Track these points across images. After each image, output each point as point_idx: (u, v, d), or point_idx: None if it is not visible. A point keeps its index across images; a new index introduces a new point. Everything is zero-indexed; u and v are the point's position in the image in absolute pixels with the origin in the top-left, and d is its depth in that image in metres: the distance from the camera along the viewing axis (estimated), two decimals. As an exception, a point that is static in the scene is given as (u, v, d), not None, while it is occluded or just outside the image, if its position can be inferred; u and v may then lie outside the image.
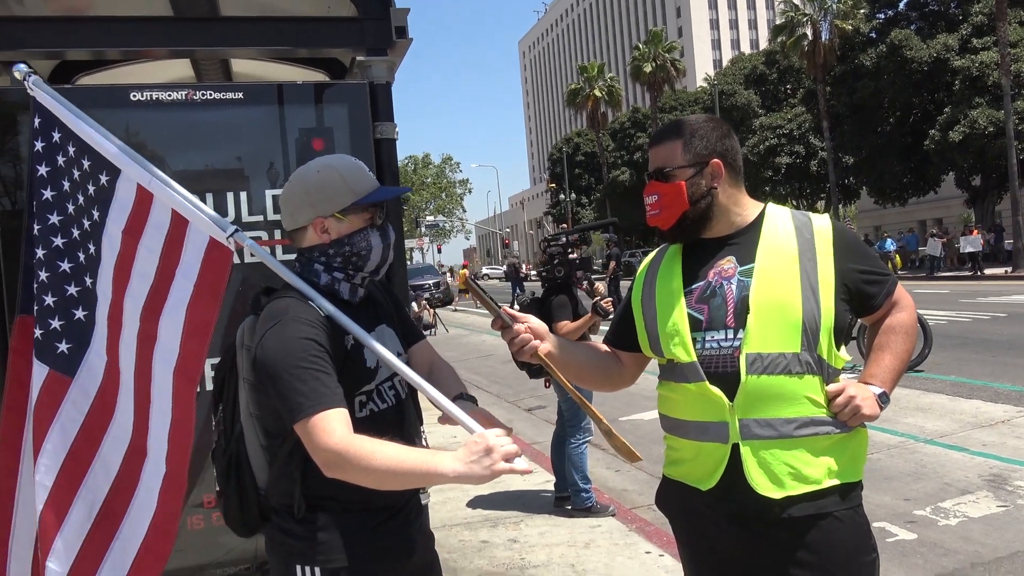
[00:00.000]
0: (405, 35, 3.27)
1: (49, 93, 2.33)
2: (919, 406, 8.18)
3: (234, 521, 2.10)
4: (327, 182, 2.02)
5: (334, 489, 1.90)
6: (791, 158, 42.46)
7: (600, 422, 2.12)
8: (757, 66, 49.43)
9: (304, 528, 1.98)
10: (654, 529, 5.06)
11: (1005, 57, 27.33)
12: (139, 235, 2.19)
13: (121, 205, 2.21)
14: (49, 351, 2.27)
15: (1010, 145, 27.29)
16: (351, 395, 1.97)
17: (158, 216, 2.17)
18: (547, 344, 2.12)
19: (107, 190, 2.24)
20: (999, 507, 5.22)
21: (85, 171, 2.28)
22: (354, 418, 1.93)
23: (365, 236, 2.04)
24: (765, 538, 1.98)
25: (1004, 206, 33.68)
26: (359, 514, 2.00)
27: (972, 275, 27.63)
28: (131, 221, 2.20)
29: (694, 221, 2.09)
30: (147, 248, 2.18)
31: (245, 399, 2.04)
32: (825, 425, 1.98)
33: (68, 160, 2.31)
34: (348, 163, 2.09)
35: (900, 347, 2.10)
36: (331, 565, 1.96)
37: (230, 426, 2.09)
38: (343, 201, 2.01)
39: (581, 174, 65.04)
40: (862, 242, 2.16)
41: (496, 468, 1.79)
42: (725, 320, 2.01)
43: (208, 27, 3.41)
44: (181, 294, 2.12)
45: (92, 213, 2.27)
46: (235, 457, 2.06)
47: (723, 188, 2.08)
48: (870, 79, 34.14)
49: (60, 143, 2.32)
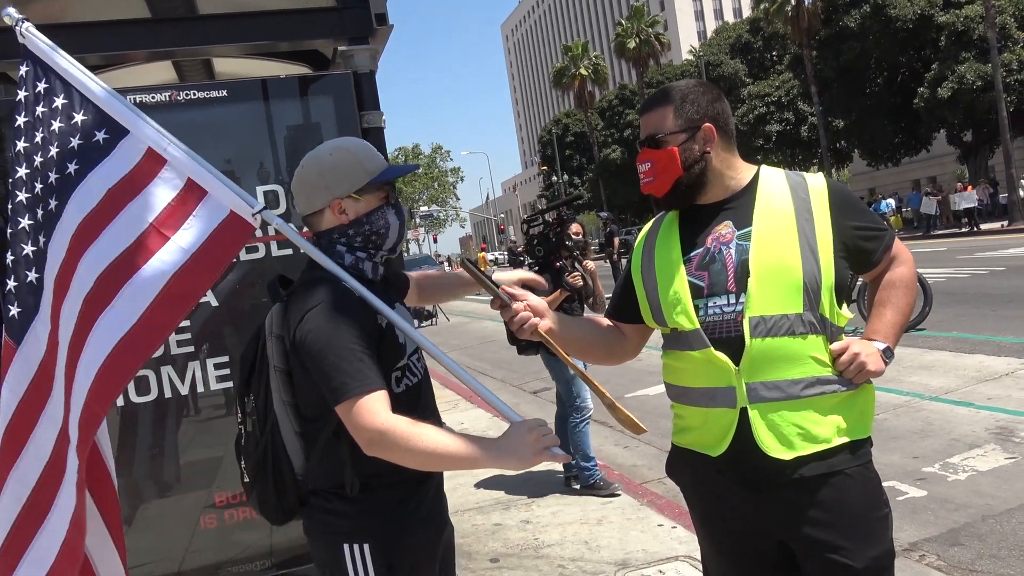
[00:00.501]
0: (385, 22, 3.26)
1: (45, 43, 2.22)
2: (923, 364, 8.20)
3: (270, 509, 2.12)
4: (341, 163, 2.05)
5: (380, 468, 1.92)
6: (781, 125, 42.36)
7: (603, 396, 2.12)
8: (742, 35, 49.17)
9: (350, 507, 2.00)
10: (665, 502, 5.08)
11: (989, 10, 27.19)
12: (134, 194, 2.08)
13: (116, 164, 2.11)
14: (5, 314, 2.16)
15: (999, 98, 27.21)
16: (388, 371, 2.01)
17: (169, 178, 2.09)
18: (547, 321, 2.12)
19: (101, 147, 2.13)
20: (1007, 459, 5.24)
21: (74, 124, 2.15)
22: (394, 394, 1.97)
23: (383, 214, 2.08)
24: (778, 500, 1.99)
25: (997, 160, 33.65)
26: (400, 488, 2.03)
27: (969, 231, 27.64)
28: (125, 181, 2.09)
29: (688, 187, 2.08)
30: (142, 206, 2.07)
31: (277, 387, 2.05)
32: (831, 384, 1.99)
33: (50, 111, 2.17)
34: (359, 143, 2.12)
35: (901, 301, 2.11)
36: (381, 541, 1.99)
37: (263, 416, 2.09)
38: (359, 181, 2.04)
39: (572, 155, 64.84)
40: (858, 199, 2.15)
41: (535, 456, 1.83)
42: (726, 285, 2.01)
43: (187, 26, 3.39)
44: (170, 258, 2.03)
45: (66, 166, 2.13)
46: (270, 446, 2.07)
47: (716, 152, 2.08)
48: (856, 41, 33.99)
49: (44, 93, 2.19)
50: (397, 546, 2.01)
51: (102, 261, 2.06)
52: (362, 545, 1.98)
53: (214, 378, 3.24)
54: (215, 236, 2.05)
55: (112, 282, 2.05)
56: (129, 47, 3.31)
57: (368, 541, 1.98)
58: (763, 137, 42.44)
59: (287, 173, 3.38)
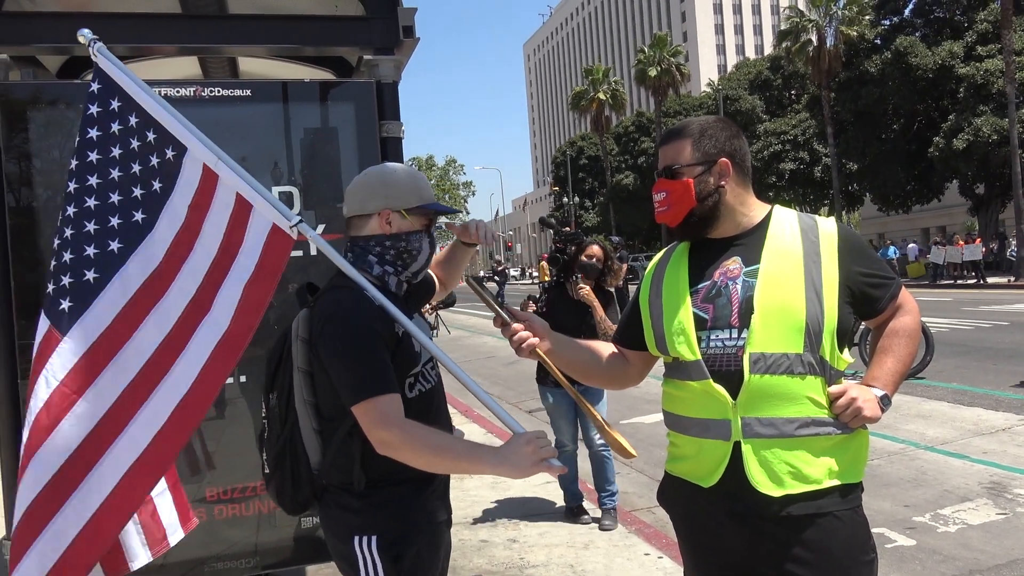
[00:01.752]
0: (412, 34, 3.29)
1: (114, 62, 2.35)
2: (920, 413, 8.18)
3: (286, 500, 2.27)
4: (403, 179, 2.24)
5: (389, 466, 2.05)
6: (795, 164, 42.50)
7: (595, 418, 2.15)
8: (762, 71, 49.48)
9: (361, 503, 2.14)
10: (653, 531, 5.06)
11: (1010, 65, 27.33)
12: (206, 211, 2.24)
13: (187, 181, 2.26)
14: (54, 306, 2.27)
15: (1014, 153, 27.27)
16: (403, 377, 2.15)
17: (223, 196, 2.23)
18: (546, 342, 2.14)
19: (173, 164, 2.28)
20: (998, 515, 5.22)
21: (149, 143, 2.30)
22: (408, 398, 2.12)
23: (420, 238, 2.24)
24: (765, 535, 2.00)
25: (1008, 214, 33.65)
26: (409, 485, 2.15)
27: (976, 283, 27.61)
28: (197, 197, 2.25)
29: (701, 219, 2.11)
30: (213, 224, 2.23)
31: (299, 387, 2.19)
32: (826, 426, 2.00)
33: (126, 129, 2.32)
34: (415, 173, 2.32)
35: (903, 350, 2.12)
36: (388, 535, 2.12)
37: (284, 413, 2.23)
38: (412, 200, 2.22)
39: (585, 177, 65.08)
40: (867, 245, 2.18)
41: (532, 466, 1.93)
42: (730, 320, 2.03)
43: (216, 24, 3.43)
44: (241, 272, 2.19)
45: (152, 183, 2.29)
46: (289, 442, 2.21)
47: (730, 187, 2.11)
48: (875, 86, 34.15)
49: (118, 111, 2.33)
50: (402, 539, 2.13)
51: (198, 272, 2.23)
52: (370, 537, 2.11)
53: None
54: (267, 248, 2.18)
55: (208, 288, 2.21)
56: (158, 40, 3.35)
57: (376, 534, 2.11)
58: (776, 175, 42.57)
59: (302, 176, 3.41)
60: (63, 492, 2.17)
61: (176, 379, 2.19)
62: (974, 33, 32.43)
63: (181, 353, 2.20)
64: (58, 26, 3.18)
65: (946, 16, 34.81)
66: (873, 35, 36.24)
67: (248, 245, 2.19)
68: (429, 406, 2.23)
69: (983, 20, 32.22)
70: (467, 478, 6.53)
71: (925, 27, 35.16)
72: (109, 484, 2.17)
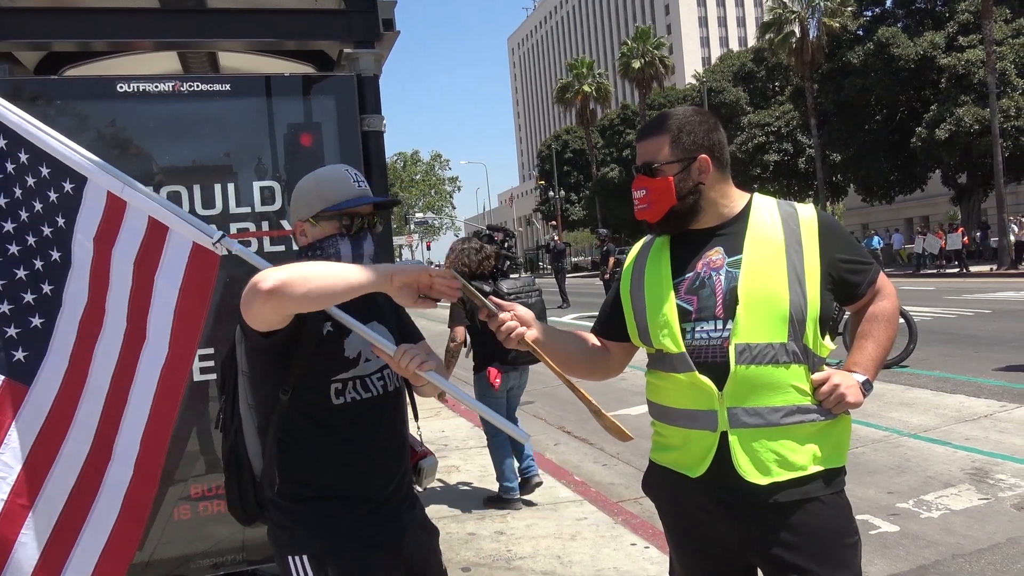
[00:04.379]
0: (392, 27, 3.29)
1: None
2: (903, 401, 8.25)
3: (235, 509, 2.21)
4: (303, 189, 2.16)
5: (315, 477, 2.03)
6: (779, 155, 42.60)
7: (589, 403, 2.14)
8: (746, 63, 49.52)
9: (290, 519, 2.07)
10: (640, 522, 5.09)
11: (991, 55, 27.50)
12: (112, 241, 2.19)
13: (90, 212, 2.21)
14: (5, 359, 2.23)
15: (995, 143, 27.47)
16: (326, 380, 2.07)
17: (132, 222, 2.18)
18: (533, 331, 2.14)
19: (73, 197, 2.22)
20: (980, 500, 5.27)
21: (43, 178, 2.24)
22: (330, 404, 2.06)
23: (334, 243, 2.13)
24: (752, 522, 2.02)
25: (990, 203, 33.91)
26: (338, 502, 2.08)
27: (958, 272, 27.83)
28: (102, 227, 2.19)
29: (682, 215, 2.11)
30: (122, 253, 2.19)
31: (243, 390, 2.13)
32: (810, 413, 2.02)
33: (19, 167, 2.25)
34: (331, 173, 2.20)
35: (882, 335, 2.14)
36: (317, 554, 2.04)
37: (230, 417, 2.18)
38: (317, 205, 2.13)
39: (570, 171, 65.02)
40: (846, 231, 2.19)
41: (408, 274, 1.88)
42: (714, 311, 2.04)
43: (195, 19, 3.41)
44: (165, 297, 2.15)
45: (56, 220, 2.24)
46: (233, 448, 2.17)
47: (710, 182, 2.11)
48: (857, 76, 34.27)
49: (7, 149, 2.26)
50: (333, 560, 2.05)
51: (121, 302, 2.20)
52: (302, 557, 2.05)
53: (197, 369, 3.24)
54: (191, 268, 2.15)
55: (138, 315, 2.19)
56: (137, 35, 3.33)
57: (306, 553, 2.05)
58: (761, 166, 42.68)
59: (284, 170, 3.40)
60: (65, 548, 2.19)
61: (134, 412, 2.19)
62: (955, 23, 32.59)
63: (131, 386, 2.19)
64: (35, 22, 3.15)
65: (927, 7, 34.99)
66: (855, 26, 36.34)
67: (167, 268, 2.16)
68: (363, 417, 2.11)
69: (964, 11, 32.37)
70: (455, 472, 6.54)
71: (907, 18, 35.29)
72: (106, 528, 2.20)
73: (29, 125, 2.23)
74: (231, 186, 3.25)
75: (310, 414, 2.07)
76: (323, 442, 2.08)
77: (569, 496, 5.78)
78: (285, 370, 2.03)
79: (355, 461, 2.10)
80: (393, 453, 2.20)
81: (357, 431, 2.09)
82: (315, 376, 2.06)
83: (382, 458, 2.16)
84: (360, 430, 2.10)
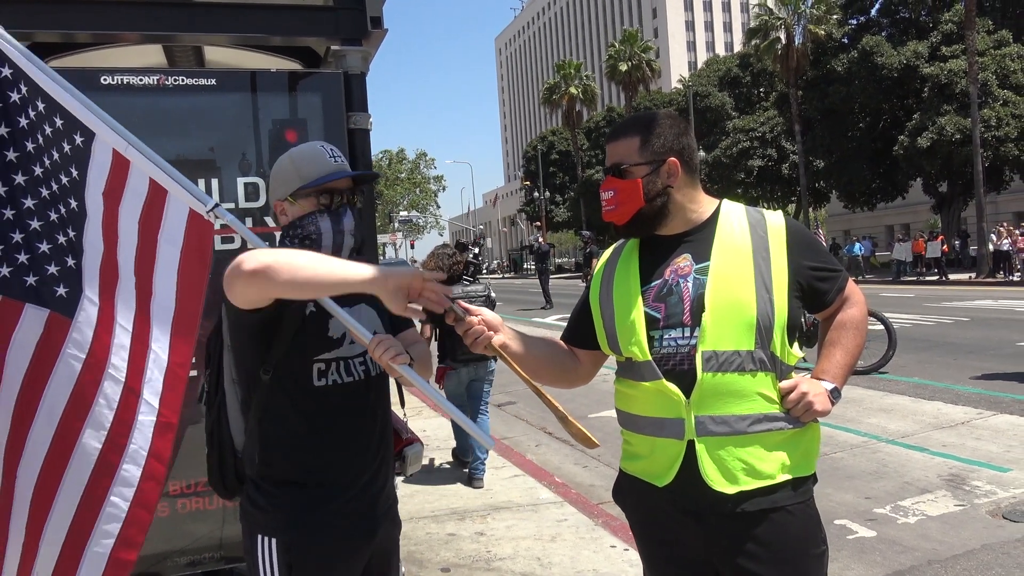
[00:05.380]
0: (380, 25, 3.27)
1: (13, 44, 2.25)
2: (882, 407, 8.32)
3: (216, 482, 2.23)
4: (279, 168, 2.18)
5: (296, 461, 2.05)
6: (763, 161, 42.82)
7: (556, 409, 2.12)
8: (731, 68, 49.76)
9: (265, 500, 2.09)
10: (620, 524, 5.09)
11: (973, 65, 27.79)
12: (118, 199, 2.20)
13: (99, 167, 2.21)
14: (48, 295, 2.25)
15: (976, 152, 27.77)
16: (308, 359, 2.08)
17: (136, 183, 2.18)
18: (501, 336, 2.09)
19: (83, 151, 2.22)
20: (956, 506, 5.32)
21: (57, 128, 2.23)
22: (311, 386, 2.07)
23: (314, 220, 2.13)
24: (720, 531, 2.01)
25: (970, 212, 34.26)
26: (318, 490, 2.09)
27: (938, 280, 28.10)
28: (109, 184, 2.20)
29: (649, 218, 2.10)
30: (127, 212, 2.19)
31: (228, 365, 2.15)
32: (778, 421, 2.01)
33: (38, 115, 2.25)
34: (306, 150, 2.20)
35: (851, 343, 2.14)
36: (286, 540, 2.06)
37: (214, 391, 2.19)
38: (292, 186, 2.13)
39: (555, 172, 65.11)
40: (814, 238, 2.19)
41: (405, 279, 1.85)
42: (682, 318, 2.02)
43: (181, 12, 3.37)
44: (168, 258, 2.17)
45: (71, 171, 2.24)
46: (216, 422, 2.19)
47: (679, 186, 2.09)
48: (841, 84, 34.55)
49: (27, 98, 2.24)
50: (301, 549, 2.06)
51: (128, 258, 2.21)
52: (271, 539, 2.06)
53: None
54: (189, 232, 2.16)
55: (144, 273, 2.20)
56: (121, 27, 3.29)
57: (275, 536, 2.06)
58: (744, 171, 42.89)
59: (269, 166, 3.37)
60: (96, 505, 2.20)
61: (153, 368, 2.20)
62: (939, 33, 32.90)
63: (149, 337, 2.20)
64: (17, 12, 3.11)
65: (911, 16, 35.32)
66: (840, 34, 36.62)
67: (168, 232, 2.17)
68: (344, 402, 2.12)
69: (948, 21, 32.68)
70: (436, 472, 6.53)
71: (891, 27, 35.65)
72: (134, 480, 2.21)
73: (44, 75, 2.22)
74: (215, 181, 3.22)
75: (291, 394, 2.07)
76: (303, 425, 2.08)
77: (550, 497, 5.78)
78: (267, 348, 2.03)
79: (334, 446, 2.10)
80: (374, 441, 2.19)
81: (337, 416, 2.09)
82: (298, 354, 2.05)
83: (361, 445, 2.15)
84: (340, 415, 2.09)
